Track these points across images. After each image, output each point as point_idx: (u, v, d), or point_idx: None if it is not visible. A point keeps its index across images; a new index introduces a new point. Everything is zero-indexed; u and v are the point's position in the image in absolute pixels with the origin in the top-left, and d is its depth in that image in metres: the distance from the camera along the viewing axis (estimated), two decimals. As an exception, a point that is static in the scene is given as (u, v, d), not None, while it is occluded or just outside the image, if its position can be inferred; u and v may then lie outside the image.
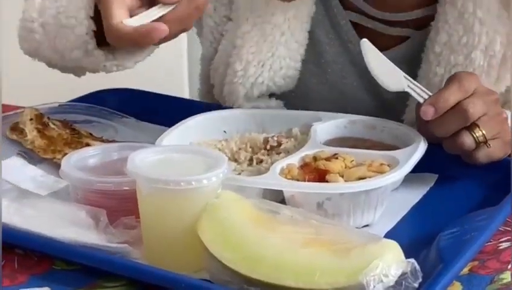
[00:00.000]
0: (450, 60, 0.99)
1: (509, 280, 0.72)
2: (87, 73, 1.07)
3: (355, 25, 1.07)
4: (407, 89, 0.88)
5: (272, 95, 1.10)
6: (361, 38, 1.02)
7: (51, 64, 1.06)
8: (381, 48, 1.01)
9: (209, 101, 1.16)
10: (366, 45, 0.91)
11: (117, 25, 0.85)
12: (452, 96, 0.83)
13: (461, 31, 0.98)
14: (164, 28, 0.85)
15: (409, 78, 0.90)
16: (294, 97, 1.09)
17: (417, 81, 0.97)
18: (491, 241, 0.77)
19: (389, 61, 0.91)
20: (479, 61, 0.98)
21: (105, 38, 0.92)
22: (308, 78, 1.09)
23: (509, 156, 0.91)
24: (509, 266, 0.74)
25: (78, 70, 1.03)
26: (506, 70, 0.99)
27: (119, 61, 0.99)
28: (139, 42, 0.89)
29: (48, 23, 1.03)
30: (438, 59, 1.00)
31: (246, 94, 1.07)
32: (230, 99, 1.08)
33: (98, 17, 0.92)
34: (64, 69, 1.05)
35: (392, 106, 0.97)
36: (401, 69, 0.99)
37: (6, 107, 1.09)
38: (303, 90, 1.09)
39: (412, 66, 1.03)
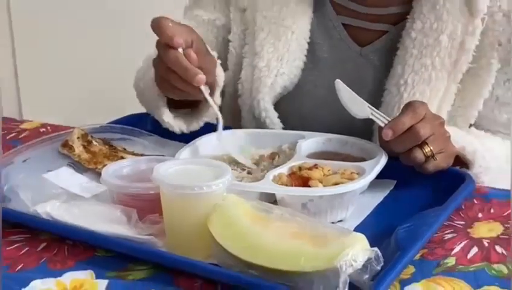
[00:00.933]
0: (422, 42, 0.98)
1: (453, 263, 0.73)
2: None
3: (345, 26, 1.06)
4: (371, 116, 0.89)
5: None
6: (351, 35, 1.06)
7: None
8: (367, 41, 1.06)
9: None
10: (339, 84, 0.92)
11: None
12: (407, 121, 0.84)
13: (433, 19, 0.98)
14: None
15: (373, 108, 0.90)
16: (298, 92, 1.08)
17: (394, 66, 1.01)
18: (437, 233, 0.78)
19: (357, 95, 0.91)
20: (445, 43, 0.98)
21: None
22: (307, 70, 1.08)
23: (453, 166, 0.93)
24: (452, 253, 0.75)
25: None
26: (463, 52, 0.98)
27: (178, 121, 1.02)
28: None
29: (138, 86, 1.09)
30: (413, 42, 0.99)
31: (271, 85, 1.05)
32: (257, 94, 1.06)
33: None
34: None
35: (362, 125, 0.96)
36: (381, 55, 1.04)
37: (59, 128, 1.11)
38: (305, 77, 1.08)
39: (389, 54, 1.03)
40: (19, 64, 3.30)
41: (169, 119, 1.00)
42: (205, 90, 0.91)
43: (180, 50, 0.89)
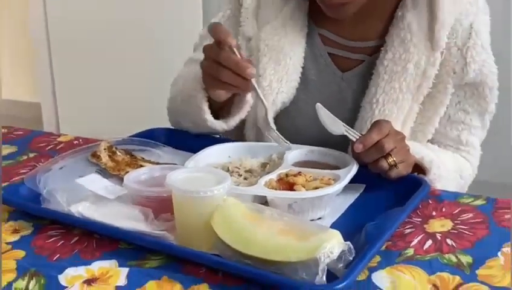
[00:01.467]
0: (392, 69, 0.97)
1: (412, 254, 0.73)
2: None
3: (330, 55, 1.05)
4: (345, 133, 0.89)
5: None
6: (335, 62, 1.05)
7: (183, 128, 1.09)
8: (348, 68, 1.05)
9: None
10: (319, 107, 0.91)
11: None
12: (374, 137, 0.84)
13: (402, 51, 0.97)
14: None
15: (347, 126, 0.90)
16: (292, 108, 1.06)
17: (369, 88, 1.00)
18: (399, 229, 0.78)
19: (334, 116, 0.90)
20: (410, 71, 0.97)
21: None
22: (300, 90, 1.06)
23: (412, 173, 0.92)
24: (411, 245, 0.75)
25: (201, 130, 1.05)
26: (424, 79, 0.98)
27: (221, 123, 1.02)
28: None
29: (175, 100, 1.09)
30: (385, 69, 0.98)
31: (273, 101, 1.04)
32: (260, 109, 1.03)
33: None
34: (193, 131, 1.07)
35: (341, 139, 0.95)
36: (359, 80, 1.04)
37: (89, 140, 1.11)
38: (299, 96, 1.07)
39: (365, 79, 1.02)
40: (57, 87, 3.30)
41: (212, 119, 1.00)
42: (254, 82, 0.91)
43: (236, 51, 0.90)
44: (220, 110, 1.03)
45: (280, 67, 1.03)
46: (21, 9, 3.42)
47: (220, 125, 1.01)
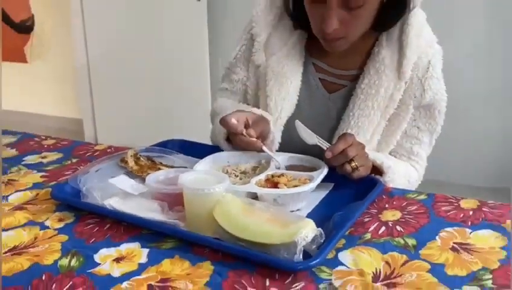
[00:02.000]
0: (367, 91, 0.97)
1: (369, 237, 0.73)
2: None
3: (320, 79, 1.05)
4: (318, 143, 0.88)
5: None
6: (324, 86, 1.05)
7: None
8: (333, 91, 1.04)
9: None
10: (298, 124, 0.92)
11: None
12: (340, 146, 0.84)
13: (376, 78, 0.97)
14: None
15: (319, 138, 0.89)
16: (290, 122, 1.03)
17: (348, 105, 1.00)
18: (359, 218, 0.78)
19: (309, 130, 0.90)
20: (381, 94, 0.96)
21: None
22: (297, 107, 1.05)
23: (370, 174, 0.92)
24: (369, 230, 0.75)
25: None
26: (391, 101, 0.98)
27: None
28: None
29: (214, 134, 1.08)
30: (362, 91, 0.98)
31: (277, 117, 1.03)
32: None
33: None
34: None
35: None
36: (341, 100, 1.03)
37: (119, 149, 1.10)
38: (295, 112, 1.05)
39: (346, 99, 1.01)
40: (95, 106, 3.29)
41: (227, 147, 1.00)
42: (265, 148, 0.92)
43: (245, 133, 0.90)
44: None
45: (283, 89, 1.03)
46: (66, 43, 3.41)
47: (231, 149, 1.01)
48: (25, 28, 3.65)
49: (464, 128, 2.57)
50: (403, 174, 1.00)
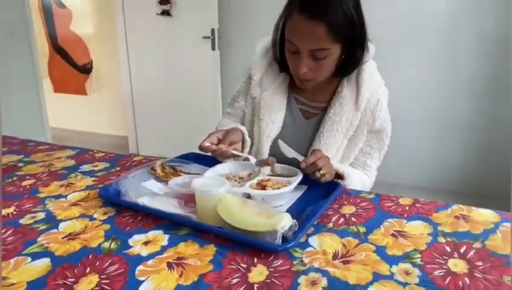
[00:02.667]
0: (333, 119, 0.96)
1: (331, 226, 0.73)
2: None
3: (300, 109, 1.04)
4: (295, 156, 0.88)
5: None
6: (302, 113, 1.03)
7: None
8: (309, 117, 1.03)
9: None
10: (280, 142, 0.92)
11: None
12: (311, 159, 0.83)
13: (339, 109, 0.96)
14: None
15: (297, 153, 0.89)
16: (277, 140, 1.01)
17: (319, 128, 0.99)
18: (324, 211, 0.77)
19: (289, 147, 0.90)
20: (343, 121, 0.96)
21: None
22: (282, 129, 1.03)
23: (334, 179, 0.91)
24: (331, 221, 0.75)
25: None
26: (351, 126, 0.98)
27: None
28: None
29: None
30: (329, 119, 0.97)
31: (267, 135, 1.02)
32: (260, 140, 1.03)
33: None
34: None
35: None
36: (315, 125, 1.01)
37: (151, 159, 1.08)
38: (281, 133, 1.03)
39: (318, 124, 1.00)
40: (137, 126, 3.30)
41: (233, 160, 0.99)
42: (233, 152, 0.91)
43: (215, 148, 0.89)
44: None
45: (272, 116, 1.02)
46: (116, 80, 3.43)
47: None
48: (86, 69, 3.67)
49: (410, 143, 2.58)
50: (359, 180, 0.99)
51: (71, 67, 3.72)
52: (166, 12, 2.90)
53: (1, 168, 0.85)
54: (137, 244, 0.67)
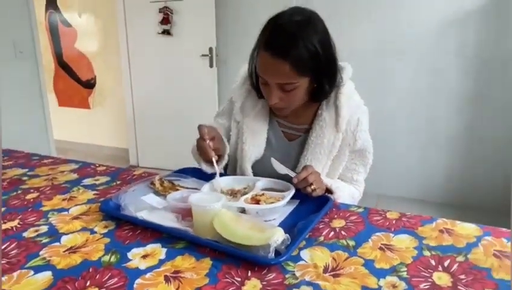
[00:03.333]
0: (315, 141, 0.96)
1: (322, 240, 0.72)
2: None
3: (283, 131, 1.04)
4: (286, 172, 0.88)
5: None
6: (285, 135, 1.03)
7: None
8: (292, 139, 1.03)
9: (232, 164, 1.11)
10: (272, 160, 0.91)
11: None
12: (303, 175, 0.84)
13: (320, 132, 0.96)
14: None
15: (289, 169, 0.89)
16: (262, 161, 1.04)
17: (303, 150, 0.98)
18: (316, 225, 0.77)
19: (281, 165, 0.90)
20: (325, 143, 0.96)
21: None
22: (265, 151, 1.04)
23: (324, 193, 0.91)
24: (322, 234, 0.74)
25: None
26: (333, 147, 0.97)
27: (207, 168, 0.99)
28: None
29: (193, 153, 1.04)
30: (312, 141, 0.96)
31: (249, 158, 1.02)
32: (243, 161, 1.03)
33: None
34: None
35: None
36: (298, 146, 1.01)
37: (151, 173, 1.07)
38: (265, 153, 1.03)
39: (301, 145, 1.00)
40: (138, 139, 3.29)
41: (204, 166, 0.99)
42: (214, 160, 0.91)
43: (208, 141, 0.91)
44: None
45: (255, 139, 1.02)
46: (118, 95, 3.44)
47: (207, 169, 0.99)
48: (90, 84, 3.67)
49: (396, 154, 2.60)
50: (348, 193, 1.00)
51: (75, 82, 3.72)
52: (166, 32, 2.92)
53: (1, 180, 0.83)
54: (136, 257, 0.66)
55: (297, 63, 0.83)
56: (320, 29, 0.87)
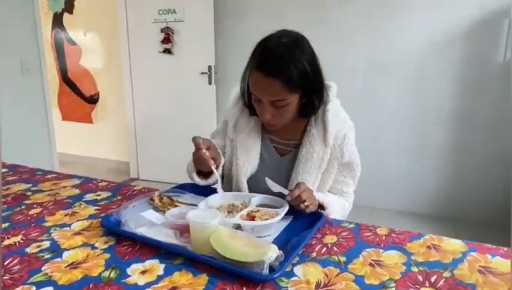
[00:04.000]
0: (306, 156, 0.97)
1: (315, 256, 0.72)
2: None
3: (274, 147, 1.04)
4: (281, 190, 0.88)
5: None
6: (276, 151, 1.03)
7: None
8: (284, 154, 1.03)
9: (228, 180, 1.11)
10: (266, 179, 0.91)
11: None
12: (296, 192, 0.84)
13: (309, 147, 0.97)
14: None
15: (282, 187, 0.89)
16: (256, 176, 1.04)
17: (294, 165, 0.99)
18: (309, 241, 0.77)
19: (275, 183, 0.90)
20: (315, 157, 0.96)
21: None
22: (259, 166, 1.04)
23: (317, 209, 0.92)
24: (315, 250, 0.74)
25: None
26: (322, 161, 0.98)
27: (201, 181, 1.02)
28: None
29: (187, 166, 1.06)
30: (303, 156, 0.97)
31: (244, 173, 1.02)
32: (238, 177, 1.03)
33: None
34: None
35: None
36: (289, 161, 1.01)
37: (151, 189, 1.07)
38: (259, 169, 1.04)
39: (292, 160, 1.00)
40: (138, 153, 3.28)
41: (197, 179, 1.00)
42: (214, 168, 0.92)
43: (204, 150, 0.92)
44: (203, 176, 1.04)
45: (248, 156, 1.03)
46: (120, 110, 3.44)
47: (200, 182, 1.01)
48: (93, 100, 3.68)
49: (386, 167, 2.61)
50: (339, 206, 1.00)
51: (79, 97, 3.73)
52: (167, 51, 2.96)
53: (1, 195, 0.82)
54: (135, 273, 0.66)
55: (287, 81, 0.86)
56: (307, 49, 0.89)
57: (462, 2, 2.29)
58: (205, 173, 1.03)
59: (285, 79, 0.85)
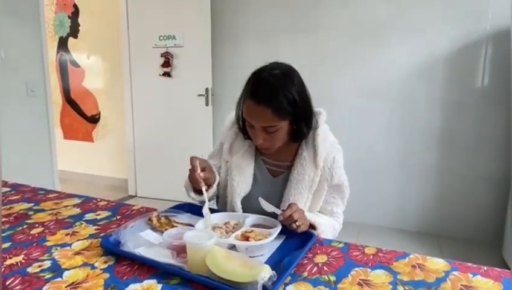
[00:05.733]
0: (297, 177, 0.98)
1: (306, 275, 0.73)
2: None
3: (267, 168, 1.05)
4: (274, 211, 0.89)
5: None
6: (269, 172, 1.04)
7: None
8: (276, 175, 1.04)
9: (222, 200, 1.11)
10: (260, 199, 0.92)
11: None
12: (288, 213, 0.85)
13: (300, 168, 0.98)
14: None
15: (275, 207, 0.90)
16: (249, 197, 1.04)
17: (287, 185, 1.00)
18: (300, 261, 0.77)
19: (268, 203, 0.91)
20: (306, 178, 0.98)
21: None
22: (252, 186, 1.05)
23: (308, 229, 0.92)
24: (306, 270, 0.75)
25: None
26: (313, 183, 0.99)
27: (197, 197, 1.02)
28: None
29: (185, 185, 1.06)
30: (294, 177, 0.98)
31: (238, 193, 1.03)
32: (233, 197, 1.04)
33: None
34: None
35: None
36: (281, 182, 1.02)
37: (149, 209, 1.07)
38: (252, 189, 1.04)
39: (285, 181, 1.01)
40: (137, 171, 3.26)
41: (193, 195, 1.01)
42: (204, 190, 0.93)
43: (198, 171, 0.93)
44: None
45: (242, 176, 1.04)
46: (120, 129, 3.45)
47: (195, 198, 1.02)
48: (94, 119, 3.68)
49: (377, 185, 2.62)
50: (329, 225, 1.01)
51: (81, 117, 3.74)
52: (167, 74, 2.99)
53: (1, 214, 0.81)
54: (134, 293, 0.66)
55: (277, 109, 0.89)
56: (297, 80, 0.93)
57: (442, 35, 2.37)
58: (201, 191, 1.03)
59: (275, 107, 0.89)
